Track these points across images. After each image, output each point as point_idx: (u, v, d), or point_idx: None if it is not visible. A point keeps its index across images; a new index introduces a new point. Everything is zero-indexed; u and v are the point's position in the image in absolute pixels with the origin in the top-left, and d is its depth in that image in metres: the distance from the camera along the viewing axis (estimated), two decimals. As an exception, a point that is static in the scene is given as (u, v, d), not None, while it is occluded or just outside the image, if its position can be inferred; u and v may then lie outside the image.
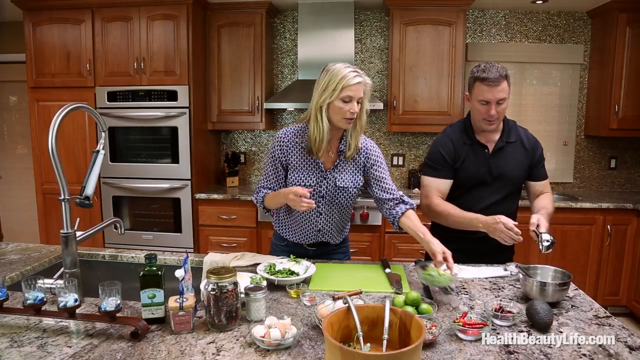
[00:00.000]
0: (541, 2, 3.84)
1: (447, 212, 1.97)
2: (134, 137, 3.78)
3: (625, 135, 3.97)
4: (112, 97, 3.76)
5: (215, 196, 3.79)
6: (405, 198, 1.94)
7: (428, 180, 2.07)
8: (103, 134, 1.70)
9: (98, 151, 1.64)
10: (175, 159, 3.76)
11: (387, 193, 1.93)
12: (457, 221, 1.95)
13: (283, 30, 4.31)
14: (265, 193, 1.94)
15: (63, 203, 1.49)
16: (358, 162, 1.93)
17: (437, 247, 1.69)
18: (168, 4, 3.64)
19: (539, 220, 1.81)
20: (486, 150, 2.03)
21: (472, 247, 2.00)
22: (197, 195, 3.79)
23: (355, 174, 1.93)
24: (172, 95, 3.70)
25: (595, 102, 4.05)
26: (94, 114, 1.68)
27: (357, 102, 1.77)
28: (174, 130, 3.72)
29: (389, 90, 3.91)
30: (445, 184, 2.05)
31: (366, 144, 1.94)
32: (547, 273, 1.68)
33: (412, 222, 1.85)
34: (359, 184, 1.94)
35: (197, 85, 3.80)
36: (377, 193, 1.94)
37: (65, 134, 3.82)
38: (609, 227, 3.57)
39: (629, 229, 3.57)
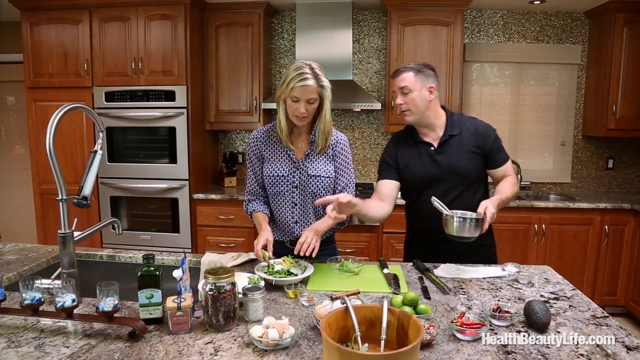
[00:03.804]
0: (539, 2, 3.85)
1: None
2: (131, 137, 3.78)
3: (623, 136, 3.98)
4: (109, 97, 3.75)
5: (213, 196, 3.79)
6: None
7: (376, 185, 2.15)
8: (101, 134, 1.70)
9: (96, 151, 1.64)
10: (173, 159, 3.76)
11: (339, 185, 2.02)
12: None
13: (281, 31, 4.31)
14: (254, 210, 2.04)
15: (61, 203, 1.49)
16: (327, 152, 2.00)
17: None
18: (166, 4, 3.64)
19: (486, 207, 1.77)
20: (431, 148, 2.02)
21: (447, 249, 2.00)
22: (195, 196, 3.79)
23: (327, 163, 1.98)
24: (170, 96, 3.69)
25: (592, 103, 4.06)
26: (92, 114, 1.68)
27: (309, 103, 1.83)
28: (171, 131, 3.72)
29: (387, 90, 3.91)
30: (383, 184, 2.07)
31: (336, 137, 2.02)
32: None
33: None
34: (330, 173, 1.99)
35: (195, 85, 3.80)
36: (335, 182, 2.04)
37: (63, 134, 3.81)
38: (606, 227, 3.58)
39: (627, 229, 3.58)
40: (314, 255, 1.82)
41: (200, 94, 3.92)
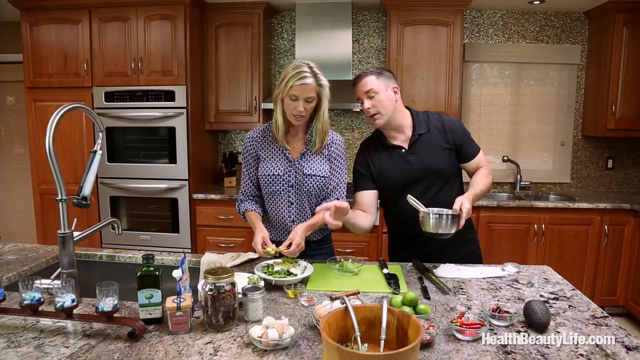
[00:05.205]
0: (538, 2, 3.85)
1: None
2: (131, 137, 3.78)
3: (623, 136, 3.98)
4: (109, 97, 3.75)
5: (212, 196, 3.79)
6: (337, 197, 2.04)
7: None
8: (100, 134, 1.70)
9: (95, 151, 1.63)
10: (172, 159, 3.75)
11: (330, 184, 2.01)
12: None
13: (281, 31, 4.31)
14: (247, 209, 2.05)
15: (60, 203, 1.49)
16: (323, 152, 1.99)
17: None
18: (165, 4, 3.64)
19: (462, 203, 1.76)
20: (402, 150, 2.00)
21: (430, 249, 2.01)
22: (195, 196, 3.79)
23: (322, 163, 1.98)
24: (170, 96, 3.69)
25: (592, 103, 4.06)
26: (91, 114, 1.68)
27: (308, 102, 1.83)
28: (171, 131, 3.72)
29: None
30: (362, 196, 2.06)
31: (332, 137, 2.01)
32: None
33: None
34: (326, 173, 1.98)
35: (195, 85, 3.80)
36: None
37: (63, 134, 3.81)
38: (606, 227, 3.58)
39: (626, 229, 3.58)
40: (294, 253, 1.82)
41: (199, 94, 3.92)
